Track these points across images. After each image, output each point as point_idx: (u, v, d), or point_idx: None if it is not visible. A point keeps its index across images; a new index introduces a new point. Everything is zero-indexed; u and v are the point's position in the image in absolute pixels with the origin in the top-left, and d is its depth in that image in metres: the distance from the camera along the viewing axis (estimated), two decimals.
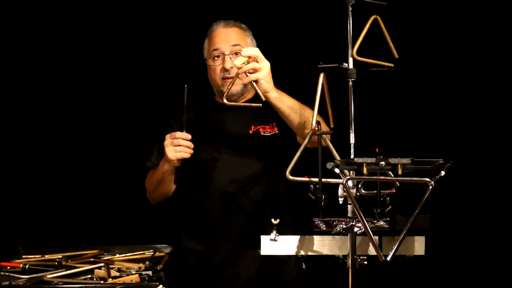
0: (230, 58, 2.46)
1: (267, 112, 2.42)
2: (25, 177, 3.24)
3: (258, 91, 2.15)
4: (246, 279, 2.46)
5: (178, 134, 2.38)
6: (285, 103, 2.25)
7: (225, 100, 2.18)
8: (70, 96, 3.27)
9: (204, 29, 2.63)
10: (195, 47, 2.71)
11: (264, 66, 2.15)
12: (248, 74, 2.13)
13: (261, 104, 2.18)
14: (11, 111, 3.24)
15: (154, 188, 2.59)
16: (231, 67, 2.44)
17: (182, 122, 2.48)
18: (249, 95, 2.58)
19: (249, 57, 2.13)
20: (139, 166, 2.71)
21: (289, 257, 2.44)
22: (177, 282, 2.43)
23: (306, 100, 2.02)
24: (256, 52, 2.16)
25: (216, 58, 2.50)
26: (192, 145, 2.39)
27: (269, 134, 2.50)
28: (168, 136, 2.39)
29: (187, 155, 2.39)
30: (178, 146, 2.36)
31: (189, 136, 2.38)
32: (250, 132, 2.50)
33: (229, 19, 2.59)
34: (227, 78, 2.47)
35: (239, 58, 2.14)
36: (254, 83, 2.15)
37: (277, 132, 2.50)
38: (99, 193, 3.25)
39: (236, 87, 2.48)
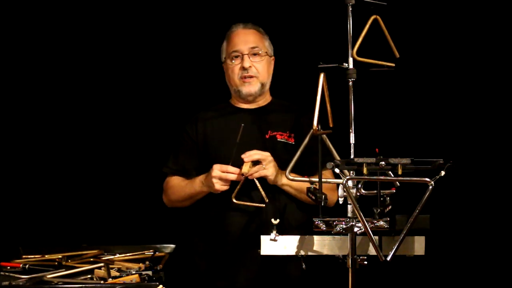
0: (249, 58, 2.50)
1: (286, 121, 2.51)
2: (25, 177, 3.24)
3: (262, 192, 2.27)
4: (246, 280, 2.46)
5: (231, 168, 2.34)
6: (294, 187, 2.40)
7: (234, 200, 2.29)
8: (71, 97, 3.27)
9: (208, 32, 2.63)
10: (210, 51, 2.72)
11: (269, 165, 2.33)
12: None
13: (264, 205, 2.30)
14: (12, 111, 3.24)
15: (181, 200, 2.56)
16: (250, 66, 2.50)
17: (197, 130, 2.55)
18: (264, 99, 2.59)
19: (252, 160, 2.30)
20: (138, 166, 2.71)
21: (289, 259, 2.43)
22: (177, 282, 2.42)
23: (306, 100, 2.01)
24: (257, 155, 2.32)
25: (235, 58, 2.53)
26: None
27: (285, 141, 2.50)
28: (217, 168, 2.35)
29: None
30: (226, 179, 2.35)
31: (237, 170, 2.35)
32: (267, 136, 2.50)
33: (230, 20, 2.61)
34: (245, 77, 2.51)
35: (244, 165, 2.28)
36: (257, 183, 2.28)
37: (293, 143, 2.50)
38: (99, 193, 3.25)
39: (255, 87, 2.52)
